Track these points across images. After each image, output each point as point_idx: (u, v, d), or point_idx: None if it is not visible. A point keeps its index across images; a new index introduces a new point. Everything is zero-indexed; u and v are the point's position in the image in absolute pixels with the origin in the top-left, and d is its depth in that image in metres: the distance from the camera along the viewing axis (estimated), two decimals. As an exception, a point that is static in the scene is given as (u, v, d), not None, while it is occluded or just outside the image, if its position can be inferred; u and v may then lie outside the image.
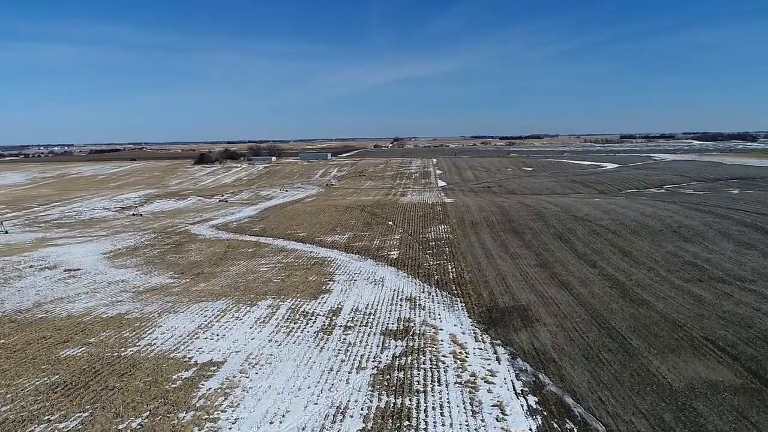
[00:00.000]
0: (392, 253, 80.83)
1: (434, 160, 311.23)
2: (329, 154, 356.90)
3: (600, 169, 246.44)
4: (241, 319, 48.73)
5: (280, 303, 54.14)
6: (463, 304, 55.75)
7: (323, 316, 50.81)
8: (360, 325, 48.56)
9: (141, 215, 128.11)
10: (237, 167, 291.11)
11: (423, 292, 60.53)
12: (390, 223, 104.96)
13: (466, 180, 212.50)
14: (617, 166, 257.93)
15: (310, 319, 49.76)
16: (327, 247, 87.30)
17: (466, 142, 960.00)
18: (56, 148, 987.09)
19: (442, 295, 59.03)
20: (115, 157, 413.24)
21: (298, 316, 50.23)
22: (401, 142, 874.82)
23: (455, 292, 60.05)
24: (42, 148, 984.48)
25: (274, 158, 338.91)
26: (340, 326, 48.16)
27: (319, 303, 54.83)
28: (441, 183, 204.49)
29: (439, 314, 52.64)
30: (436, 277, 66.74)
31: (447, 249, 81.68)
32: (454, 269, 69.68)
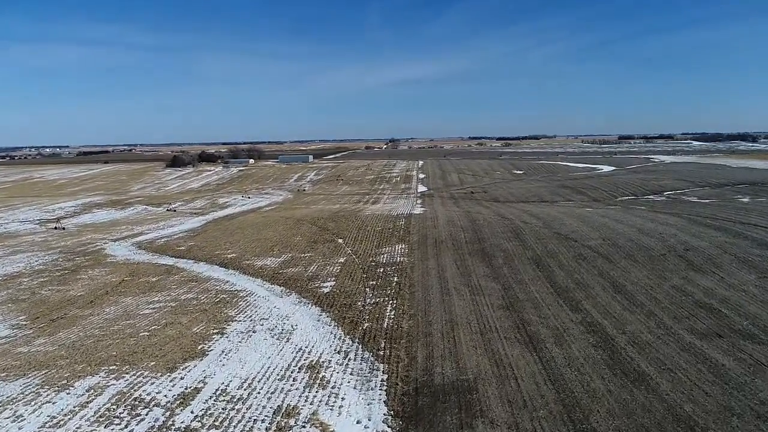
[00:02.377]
0: (326, 284, 64.28)
1: (420, 162, 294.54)
2: (310, 156, 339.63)
3: (595, 172, 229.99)
4: (22, 419, 31.92)
5: (112, 381, 37.35)
6: (386, 377, 39.26)
7: (163, 407, 34.05)
8: (209, 428, 31.84)
9: (63, 229, 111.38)
10: (210, 170, 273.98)
11: (339, 352, 43.98)
12: (340, 240, 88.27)
13: (449, 185, 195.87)
14: (613, 168, 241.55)
15: (138, 415, 32.98)
16: (251, 274, 70.74)
17: (463, 143, 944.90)
18: (48, 149, 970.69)
19: (362, 359, 42.50)
20: (91, 160, 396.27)
21: (120, 411, 33.44)
22: (396, 143, 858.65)
23: (382, 352, 43.50)
24: (34, 149, 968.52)
25: (251, 161, 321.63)
26: (177, 431, 31.41)
27: (173, 380, 38.05)
28: (421, 188, 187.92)
29: (344, 398, 36.08)
30: (367, 324, 50.21)
31: (395, 279, 65.11)
32: (393, 312, 53.13)
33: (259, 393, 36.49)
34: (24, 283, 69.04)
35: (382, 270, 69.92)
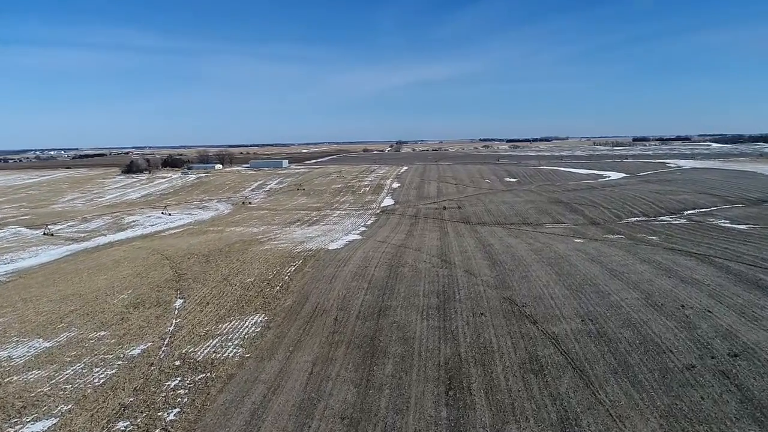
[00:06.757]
0: (36, 427, 33.26)
1: (404, 168, 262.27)
2: (285, 161, 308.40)
3: (601, 180, 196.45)
4: None
5: None
6: None
7: None
8: None
9: None
10: (165, 177, 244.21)
11: None
12: (179, 302, 57.07)
13: (422, 197, 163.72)
14: (623, 176, 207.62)
15: None
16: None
17: (470, 145, 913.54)
18: (53, 152, 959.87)
19: None
20: (56, 165, 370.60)
21: None
22: (400, 145, 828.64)
23: None
24: (39, 152, 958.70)
25: (218, 166, 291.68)
26: None
27: None
28: (387, 202, 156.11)
29: None
30: None
31: (171, 416, 33.99)
32: None
33: None
34: None
35: (176, 383, 38.75)
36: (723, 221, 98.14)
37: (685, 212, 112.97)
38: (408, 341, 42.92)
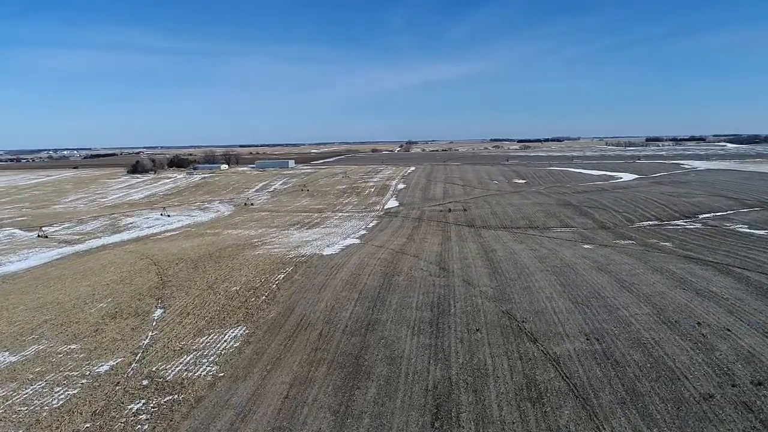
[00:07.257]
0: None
1: (411, 168, 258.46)
2: (291, 162, 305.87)
3: (612, 181, 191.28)
4: None
5: None
6: None
7: None
8: None
9: None
10: (169, 178, 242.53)
11: None
12: (158, 312, 53.96)
13: (427, 199, 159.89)
14: (635, 177, 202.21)
15: None
16: None
17: (480, 145, 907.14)
18: (66, 152, 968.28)
19: None
20: (64, 165, 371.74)
21: None
22: (409, 146, 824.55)
23: None
24: (50, 152, 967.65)
25: (224, 166, 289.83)
26: None
27: None
28: (391, 203, 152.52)
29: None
30: None
31: (126, 447, 30.54)
32: None
33: None
34: None
35: (140, 407, 35.58)
36: (741, 226, 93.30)
37: (700, 216, 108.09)
38: (395, 361, 39.30)
